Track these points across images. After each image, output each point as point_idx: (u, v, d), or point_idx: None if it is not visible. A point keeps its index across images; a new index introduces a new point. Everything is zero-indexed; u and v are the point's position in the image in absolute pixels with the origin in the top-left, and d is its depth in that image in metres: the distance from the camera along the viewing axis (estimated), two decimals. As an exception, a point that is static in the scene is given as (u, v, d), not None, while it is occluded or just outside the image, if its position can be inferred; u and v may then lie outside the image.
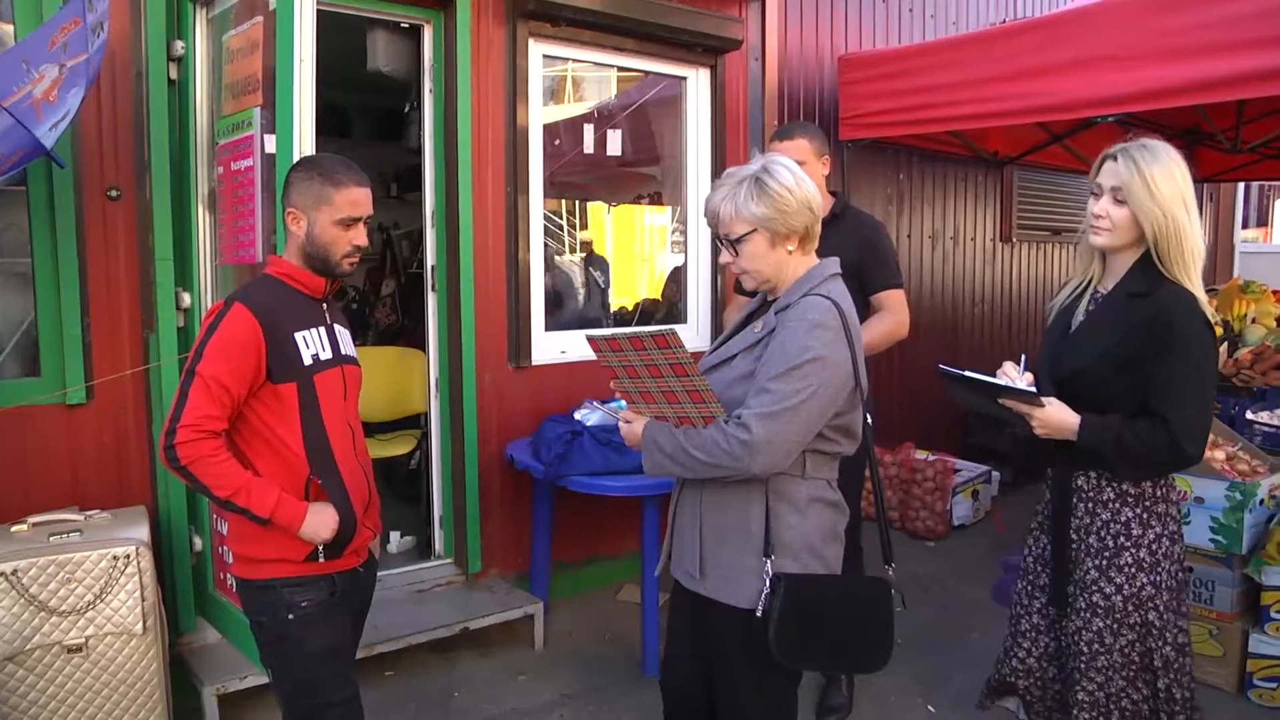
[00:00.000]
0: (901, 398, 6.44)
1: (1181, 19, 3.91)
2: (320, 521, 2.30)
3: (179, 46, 3.42)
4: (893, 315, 3.47)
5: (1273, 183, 13.31)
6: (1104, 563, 2.40)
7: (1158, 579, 2.39)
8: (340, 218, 2.33)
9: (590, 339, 2.21)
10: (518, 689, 3.79)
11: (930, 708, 3.68)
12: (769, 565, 2.15)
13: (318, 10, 2.87)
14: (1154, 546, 2.39)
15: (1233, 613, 3.79)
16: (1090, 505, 2.45)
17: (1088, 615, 2.42)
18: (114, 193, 3.36)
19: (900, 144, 6.07)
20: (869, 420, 2.26)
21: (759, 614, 2.13)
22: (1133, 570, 2.38)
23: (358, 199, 2.35)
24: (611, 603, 4.69)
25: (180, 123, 3.48)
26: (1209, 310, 2.33)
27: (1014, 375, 2.43)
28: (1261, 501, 3.74)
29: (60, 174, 3.19)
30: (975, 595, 4.75)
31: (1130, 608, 2.38)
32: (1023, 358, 2.49)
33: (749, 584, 2.17)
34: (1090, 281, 2.51)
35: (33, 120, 2.56)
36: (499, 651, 4.09)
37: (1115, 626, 2.39)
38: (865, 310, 3.42)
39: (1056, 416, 2.36)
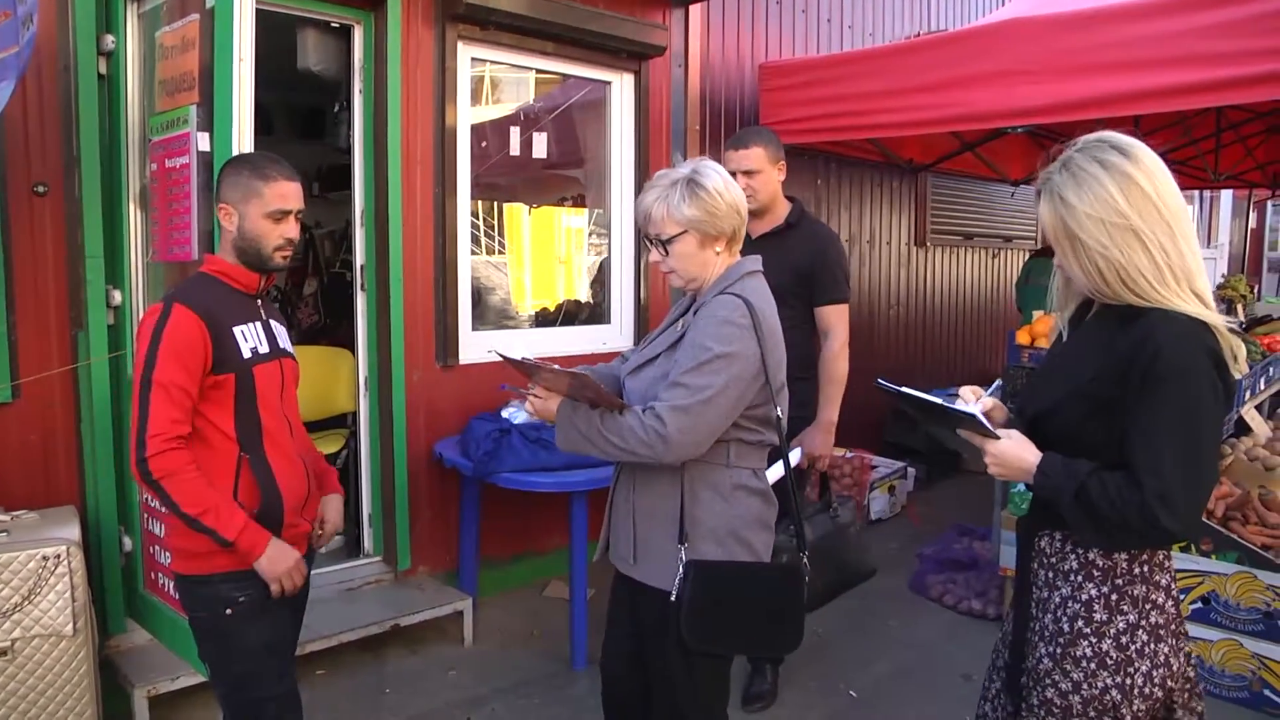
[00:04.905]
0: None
1: (1083, 39, 4.14)
2: (280, 555, 2.32)
3: (109, 41, 3.37)
4: (837, 339, 3.49)
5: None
6: (1058, 651, 1.84)
7: (1128, 683, 1.78)
8: (270, 210, 2.36)
9: (504, 358, 2.33)
10: (449, 684, 3.83)
11: (852, 693, 3.82)
12: (683, 552, 2.23)
13: (247, 8, 2.86)
14: (1123, 640, 1.79)
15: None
16: (1050, 575, 1.89)
17: (1041, 713, 1.86)
18: (41, 188, 3.31)
19: (819, 150, 6.22)
20: (780, 413, 2.31)
21: (673, 598, 2.22)
22: (1092, 667, 1.80)
23: (286, 192, 2.39)
24: (539, 598, 4.74)
25: (111, 118, 3.43)
26: (1227, 340, 1.73)
27: (969, 399, 1.97)
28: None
29: (-16, 169, 3.14)
30: (893, 585, 4.90)
31: (1093, 712, 1.80)
32: (996, 383, 2.10)
33: (673, 568, 2.25)
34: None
35: (-37, 114, 2.53)
36: (429, 648, 4.12)
37: None
38: (812, 321, 3.51)
39: (1013, 452, 1.81)
